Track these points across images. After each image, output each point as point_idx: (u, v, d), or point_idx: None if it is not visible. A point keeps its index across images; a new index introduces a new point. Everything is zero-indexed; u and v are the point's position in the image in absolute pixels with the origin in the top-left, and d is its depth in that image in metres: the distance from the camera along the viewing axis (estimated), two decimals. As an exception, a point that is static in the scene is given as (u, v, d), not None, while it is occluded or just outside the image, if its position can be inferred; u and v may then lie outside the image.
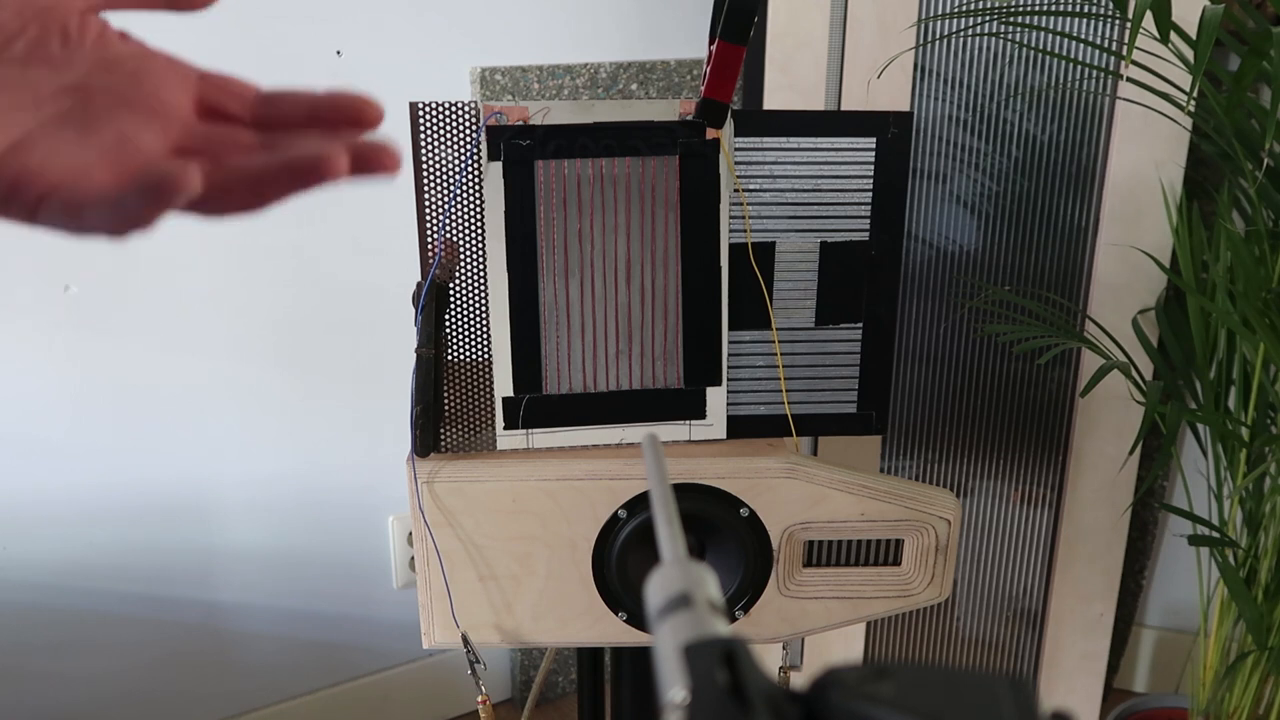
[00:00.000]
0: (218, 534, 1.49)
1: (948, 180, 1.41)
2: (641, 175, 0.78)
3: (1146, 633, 1.82)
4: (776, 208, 0.81)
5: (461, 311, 0.80)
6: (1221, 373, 1.36)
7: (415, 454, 0.81)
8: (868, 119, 0.80)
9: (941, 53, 1.36)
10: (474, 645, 0.84)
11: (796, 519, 0.82)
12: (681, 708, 0.30)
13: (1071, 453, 1.51)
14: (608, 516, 0.81)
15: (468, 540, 0.82)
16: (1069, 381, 1.49)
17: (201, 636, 1.52)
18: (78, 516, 1.39)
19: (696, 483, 0.81)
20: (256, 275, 1.39)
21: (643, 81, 1.54)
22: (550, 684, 1.82)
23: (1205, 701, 1.45)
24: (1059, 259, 1.44)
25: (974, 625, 1.62)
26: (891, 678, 0.30)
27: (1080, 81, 1.37)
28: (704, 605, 0.35)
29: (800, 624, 0.85)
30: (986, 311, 1.45)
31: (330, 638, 1.62)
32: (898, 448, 1.53)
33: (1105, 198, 1.40)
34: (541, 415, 0.83)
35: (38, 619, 1.41)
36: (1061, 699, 1.63)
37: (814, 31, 1.32)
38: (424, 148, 0.76)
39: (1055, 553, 1.56)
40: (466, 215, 0.78)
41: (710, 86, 0.75)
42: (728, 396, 0.85)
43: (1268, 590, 1.32)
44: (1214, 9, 0.92)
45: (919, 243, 1.43)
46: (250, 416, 1.45)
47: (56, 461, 1.36)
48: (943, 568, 0.85)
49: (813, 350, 0.85)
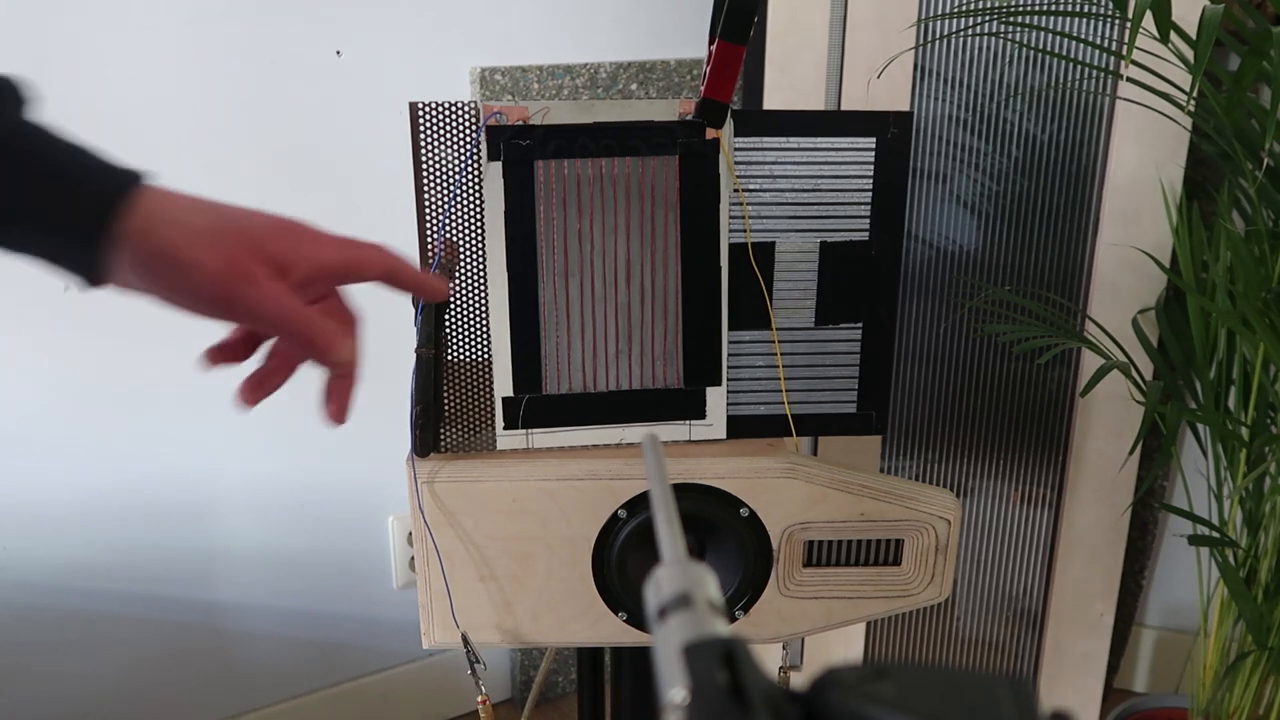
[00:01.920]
0: (217, 534, 1.48)
1: (948, 180, 1.41)
2: (641, 175, 0.78)
3: (1146, 633, 1.82)
4: (776, 208, 0.81)
5: (461, 311, 0.80)
6: (1221, 373, 1.36)
7: (415, 454, 0.81)
8: (868, 119, 0.80)
9: (941, 53, 1.36)
10: (474, 645, 0.84)
11: (796, 519, 0.82)
12: (681, 708, 0.30)
13: (1071, 453, 1.51)
14: (608, 516, 0.81)
15: (468, 540, 0.82)
16: (1069, 381, 1.49)
17: (201, 636, 1.52)
18: (78, 516, 1.39)
19: (696, 483, 0.81)
20: (256, 275, 1.39)
21: (643, 81, 1.54)
22: (550, 684, 1.82)
23: (1205, 701, 1.45)
24: (1059, 259, 1.44)
25: (974, 625, 1.62)
26: (891, 678, 0.30)
27: (1080, 81, 1.37)
28: (704, 605, 0.35)
29: (800, 624, 0.85)
30: (986, 311, 1.45)
31: (330, 638, 1.62)
32: (898, 448, 1.53)
33: (1105, 198, 1.40)
34: (541, 415, 0.83)
35: (38, 619, 1.41)
36: (1061, 699, 1.63)
37: (814, 31, 1.32)
38: (424, 148, 0.76)
39: (1055, 553, 1.56)
40: (466, 215, 0.78)
41: (710, 86, 0.75)
42: (728, 396, 0.85)
43: (1268, 590, 1.32)
44: (1214, 9, 0.92)
45: (919, 243, 1.43)
46: (250, 416, 1.45)
47: (56, 461, 1.36)
48: (942, 568, 0.85)
49: (813, 350, 0.85)
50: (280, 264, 0.54)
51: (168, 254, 0.52)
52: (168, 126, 1.30)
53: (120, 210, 0.51)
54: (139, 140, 1.28)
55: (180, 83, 1.30)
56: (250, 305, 0.53)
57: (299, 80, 1.36)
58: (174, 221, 0.52)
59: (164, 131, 1.30)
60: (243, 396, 0.59)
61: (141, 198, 0.52)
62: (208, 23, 1.30)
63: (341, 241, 0.59)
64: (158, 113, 1.30)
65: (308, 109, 1.38)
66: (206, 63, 1.31)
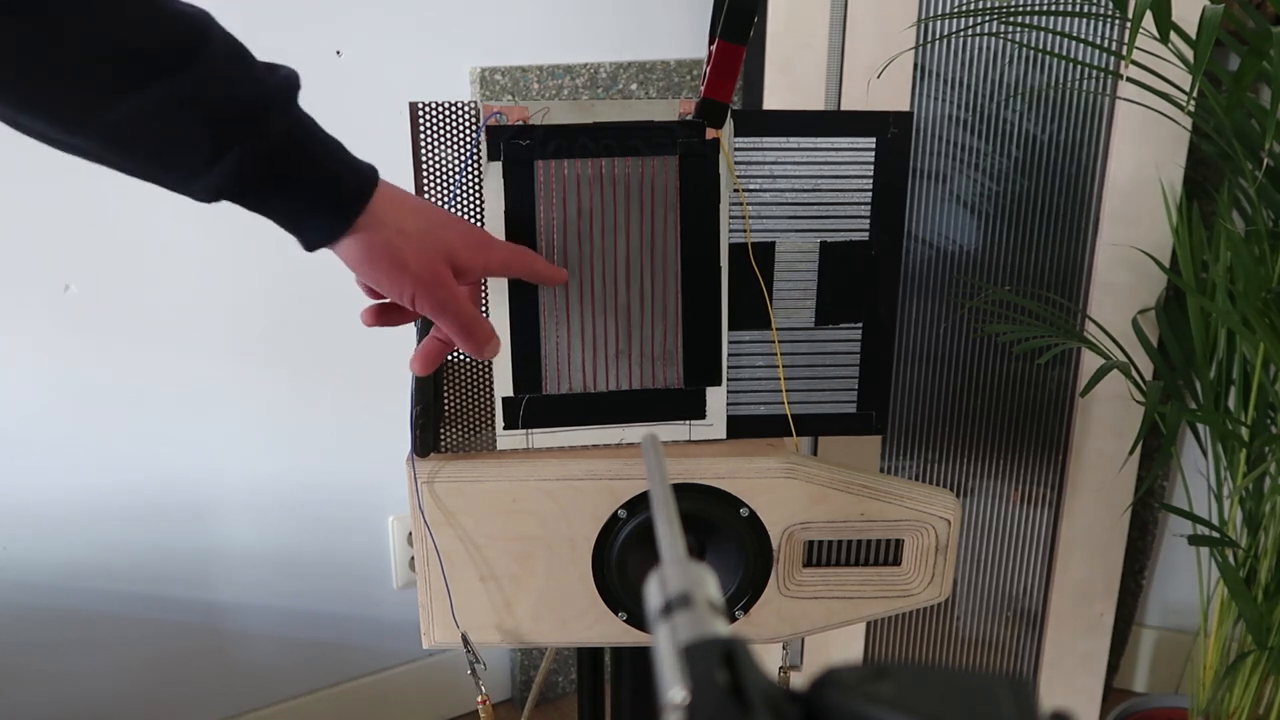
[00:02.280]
0: (217, 534, 1.48)
1: (948, 180, 1.41)
2: (641, 175, 0.78)
3: (1146, 633, 1.82)
4: (776, 208, 0.81)
5: (461, 311, 0.80)
6: (1221, 373, 1.36)
7: (415, 454, 0.81)
8: (868, 119, 0.80)
9: (941, 53, 1.36)
10: (474, 645, 0.84)
11: (796, 519, 0.82)
12: (681, 708, 0.30)
13: (1071, 453, 1.51)
14: (608, 516, 0.81)
15: (468, 540, 0.82)
16: (1069, 381, 1.49)
17: (201, 636, 1.52)
18: (78, 516, 1.39)
19: (696, 483, 0.81)
20: (256, 275, 1.39)
21: (643, 81, 1.54)
22: (550, 684, 1.82)
23: (1205, 701, 1.45)
24: (1059, 259, 1.44)
25: (974, 625, 1.62)
26: (891, 678, 0.30)
27: (1080, 81, 1.37)
28: (704, 605, 0.35)
29: (800, 624, 0.85)
30: (986, 311, 1.45)
31: (330, 638, 1.62)
32: (898, 448, 1.53)
33: (1105, 198, 1.40)
34: (541, 415, 0.83)
35: (38, 619, 1.41)
36: (1061, 699, 1.63)
37: (814, 31, 1.32)
38: (424, 148, 0.76)
39: (1055, 553, 1.56)
40: (466, 215, 0.78)
41: (710, 86, 0.75)
42: (727, 396, 0.85)
43: (1268, 590, 1.32)
44: (1214, 9, 0.92)
45: (919, 243, 1.43)
46: (250, 416, 1.45)
47: (56, 461, 1.36)
48: (942, 568, 0.85)
49: (813, 350, 0.85)
50: (462, 268, 0.68)
51: (386, 251, 0.64)
52: (168, 126, 1.30)
53: (365, 204, 0.63)
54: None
55: (180, 83, 1.30)
56: (438, 304, 0.66)
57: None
58: (395, 225, 0.64)
59: (164, 131, 1.30)
60: (417, 366, 0.75)
61: (378, 194, 0.64)
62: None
63: (504, 247, 0.74)
64: (158, 113, 1.30)
65: (308, 109, 1.37)
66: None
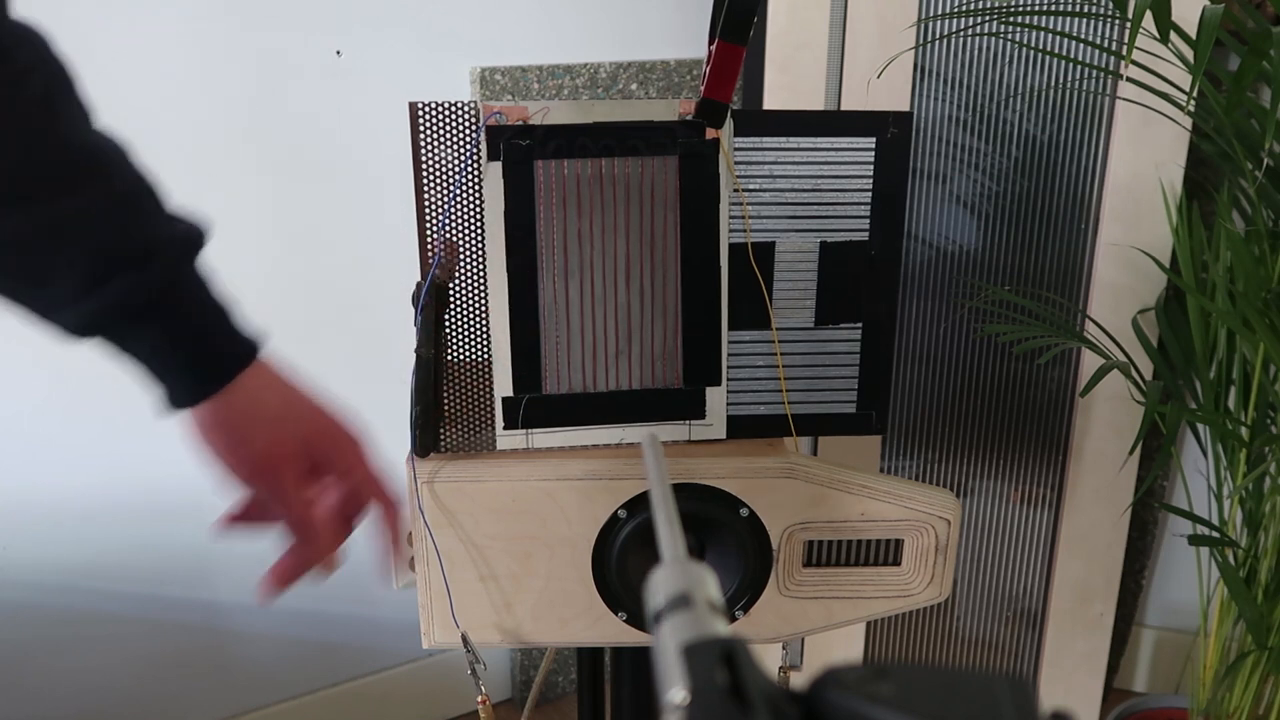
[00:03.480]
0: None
1: (948, 180, 1.41)
2: (641, 175, 0.78)
3: (1146, 633, 1.82)
4: (776, 208, 0.81)
5: (461, 311, 0.80)
6: (1221, 373, 1.36)
7: (415, 454, 0.81)
8: (868, 119, 0.80)
9: (941, 53, 1.36)
10: (474, 645, 0.84)
11: (796, 519, 0.82)
12: (681, 708, 0.30)
13: (1071, 453, 1.51)
14: (608, 516, 0.81)
15: (468, 540, 0.82)
16: (1069, 381, 1.49)
17: (201, 636, 1.52)
18: (77, 516, 1.39)
19: (696, 483, 0.81)
20: (256, 275, 1.39)
21: (643, 81, 1.54)
22: (550, 684, 1.82)
23: (1205, 701, 1.45)
24: (1059, 259, 1.44)
25: (974, 625, 1.62)
26: (891, 678, 0.30)
27: (1080, 81, 1.37)
28: (704, 605, 0.35)
29: (800, 624, 0.85)
30: (986, 311, 1.45)
31: (330, 638, 1.62)
32: (898, 448, 1.53)
33: (1105, 198, 1.40)
34: (541, 415, 0.83)
35: (38, 619, 1.41)
36: (1061, 699, 1.63)
37: (814, 31, 1.32)
38: (424, 148, 0.76)
39: (1055, 553, 1.56)
40: (466, 215, 0.78)
41: (710, 86, 0.75)
42: (727, 396, 0.85)
43: (1268, 590, 1.32)
44: (1214, 9, 0.92)
45: (919, 243, 1.43)
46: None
47: (56, 461, 1.36)
48: (943, 568, 0.85)
49: (812, 350, 0.85)
50: (317, 462, 0.66)
51: (230, 424, 0.63)
52: (168, 126, 1.30)
53: (234, 381, 0.62)
54: (139, 140, 1.28)
55: (180, 83, 1.30)
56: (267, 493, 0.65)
57: (299, 80, 1.36)
58: (252, 398, 0.63)
59: (164, 131, 1.30)
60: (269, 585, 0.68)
61: (251, 369, 0.63)
62: (208, 23, 1.30)
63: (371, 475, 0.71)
64: (158, 113, 1.30)
65: (308, 109, 1.38)
66: (206, 63, 1.31)
